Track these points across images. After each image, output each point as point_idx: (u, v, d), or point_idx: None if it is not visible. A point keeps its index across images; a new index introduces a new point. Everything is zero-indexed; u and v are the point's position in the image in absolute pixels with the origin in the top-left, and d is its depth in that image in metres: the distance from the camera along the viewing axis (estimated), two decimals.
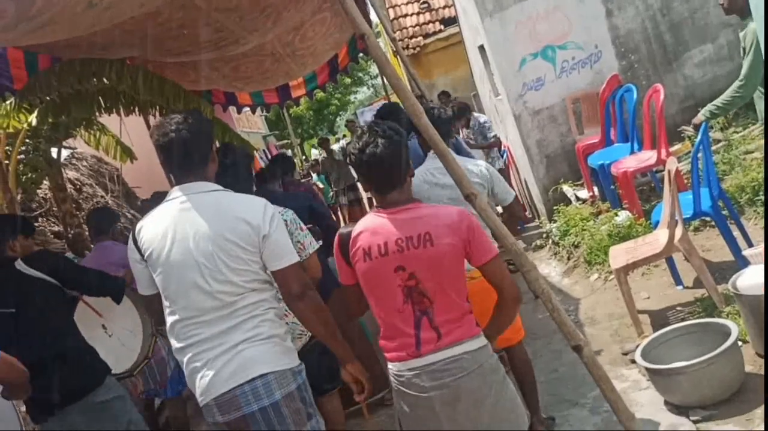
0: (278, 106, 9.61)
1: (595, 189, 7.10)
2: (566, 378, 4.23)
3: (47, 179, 7.62)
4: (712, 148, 5.58)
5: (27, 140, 6.90)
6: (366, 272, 2.48)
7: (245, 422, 2.53)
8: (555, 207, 7.29)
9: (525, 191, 8.95)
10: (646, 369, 3.63)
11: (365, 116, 21.37)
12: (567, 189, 7.56)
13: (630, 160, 6.19)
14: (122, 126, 7.16)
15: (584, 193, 7.32)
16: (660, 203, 5.01)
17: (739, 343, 3.47)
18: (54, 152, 7.40)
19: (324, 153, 13.14)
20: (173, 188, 2.66)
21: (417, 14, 14.66)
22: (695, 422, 3.32)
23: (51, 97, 5.41)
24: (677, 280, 4.89)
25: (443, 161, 2.99)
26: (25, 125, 6.01)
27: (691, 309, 4.40)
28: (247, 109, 9.37)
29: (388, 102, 7.23)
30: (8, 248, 3.44)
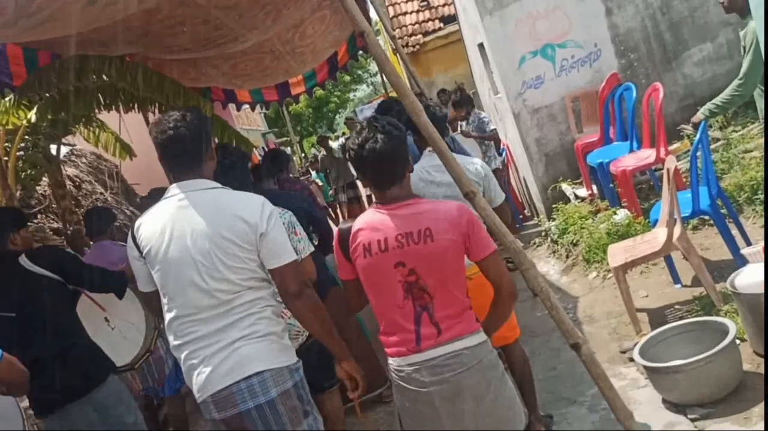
0: (278, 103, 9.59)
1: (594, 187, 7.10)
2: (564, 376, 4.23)
3: (46, 176, 7.61)
4: (711, 147, 5.58)
5: (26, 137, 6.90)
6: (366, 268, 2.49)
7: (241, 419, 2.54)
8: (554, 205, 7.29)
9: (524, 189, 8.96)
10: (644, 367, 3.63)
11: (364, 114, 21.33)
12: (566, 187, 7.56)
13: (629, 158, 6.19)
14: (121, 123, 7.16)
15: (583, 191, 7.32)
16: (659, 202, 5.02)
17: (737, 341, 3.48)
18: (53, 149, 7.39)
19: (323, 151, 13.14)
20: (171, 186, 2.66)
21: (416, 12, 14.66)
22: (693, 420, 3.33)
23: (50, 93, 5.40)
24: (676, 278, 4.90)
25: (442, 159, 2.98)
26: (25, 122, 6.01)
27: (690, 308, 4.40)
28: (247, 106, 9.35)
29: (388, 98, 7.22)
30: (10, 241, 3.43)
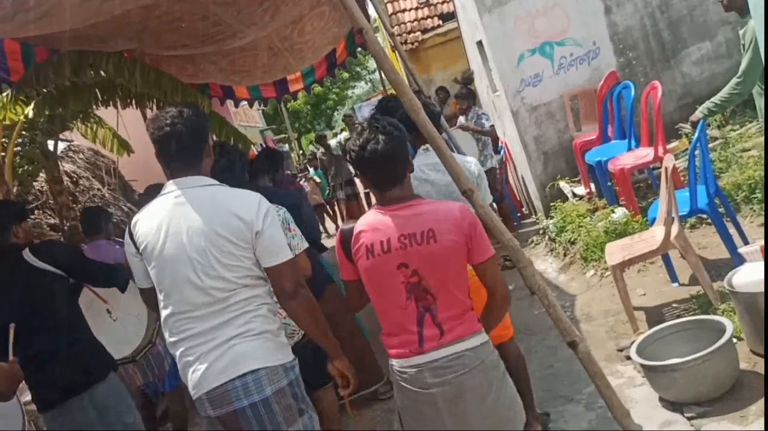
0: (276, 100, 9.58)
1: (592, 186, 7.11)
2: (561, 374, 4.24)
3: (44, 172, 7.58)
4: (709, 145, 5.58)
5: (23, 132, 6.87)
6: (368, 269, 2.47)
7: (236, 417, 2.54)
8: (552, 203, 7.30)
9: (522, 187, 8.96)
10: (642, 366, 3.64)
11: (363, 111, 21.32)
12: (564, 185, 7.56)
13: (627, 157, 6.19)
14: (119, 119, 7.14)
15: (581, 189, 7.32)
16: (657, 200, 5.02)
17: (734, 340, 3.49)
18: (50, 145, 7.36)
19: (321, 149, 13.15)
20: (168, 182, 2.65)
21: (415, 9, 14.63)
22: (690, 419, 3.33)
23: (48, 89, 5.39)
24: (673, 277, 4.90)
25: (441, 157, 2.97)
26: (22, 117, 5.99)
27: (687, 306, 4.41)
28: (245, 103, 9.33)
29: (387, 96, 7.21)
30: (12, 233, 3.42)
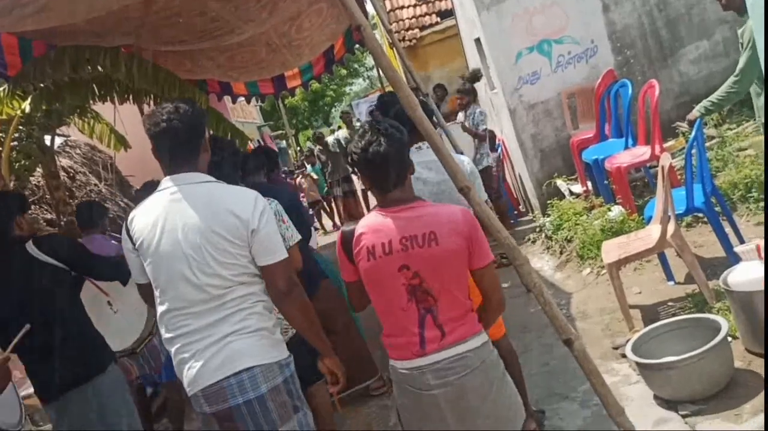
0: (273, 96, 9.59)
1: (589, 184, 7.11)
2: (557, 372, 4.24)
3: (40, 167, 7.56)
4: (706, 144, 5.60)
5: (20, 127, 6.85)
6: (369, 270, 2.47)
7: (231, 413, 2.54)
8: (549, 201, 7.31)
9: (519, 185, 8.96)
10: (637, 364, 3.65)
11: (360, 108, 21.33)
12: (561, 184, 7.57)
13: (624, 155, 6.20)
14: (116, 114, 7.13)
15: (578, 188, 7.33)
16: (653, 199, 5.03)
17: (729, 339, 3.50)
18: (47, 140, 7.35)
19: (319, 146, 13.16)
20: (164, 178, 2.64)
21: (413, 6, 14.60)
22: (684, 416, 3.35)
23: (45, 84, 5.39)
24: (669, 275, 4.91)
25: (437, 155, 2.97)
26: (19, 112, 5.99)
27: (682, 305, 4.42)
28: (242, 99, 9.35)
29: (385, 92, 7.20)
30: (16, 224, 3.41)
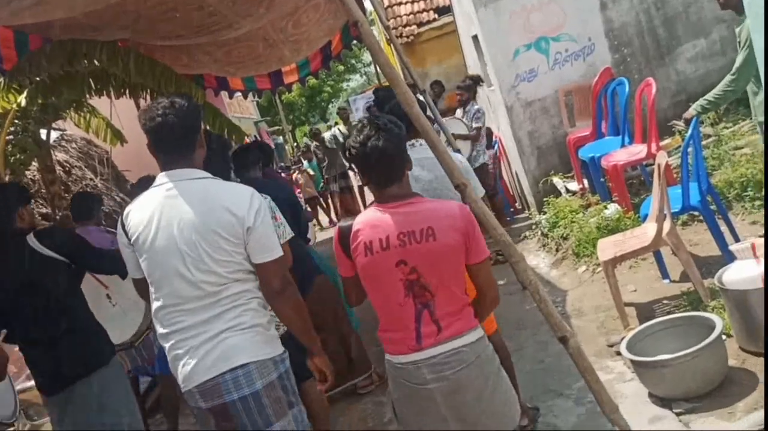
0: (270, 92, 9.58)
1: (585, 182, 7.12)
2: (552, 369, 4.25)
3: (36, 161, 7.56)
4: (702, 143, 5.60)
5: (16, 121, 6.84)
6: (367, 266, 2.47)
7: (226, 409, 2.55)
8: (545, 199, 7.31)
9: (515, 182, 8.97)
10: (631, 361, 3.66)
11: (357, 104, 21.27)
12: (557, 181, 7.57)
13: (620, 153, 6.21)
14: (113, 109, 7.12)
15: (574, 185, 7.34)
16: (649, 197, 5.04)
17: (723, 337, 3.52)
18: (43, 134, 7.33)
19: (316, 142, 13.14)
20: (160, 174, 2.64)
21: (411, 2, 14.59)
22: (678, 414, 3.36)
23: (41, 77, 5.37)
24: (664, 274, 4.92)
25: (434, 152, 2.97)
26: (15, 106, 5.97)
27: (677, 303, 4.43)
28: (239, 94, 9.33)
29: (382, 87, 7.17)
30: (18, 217, 3.40)
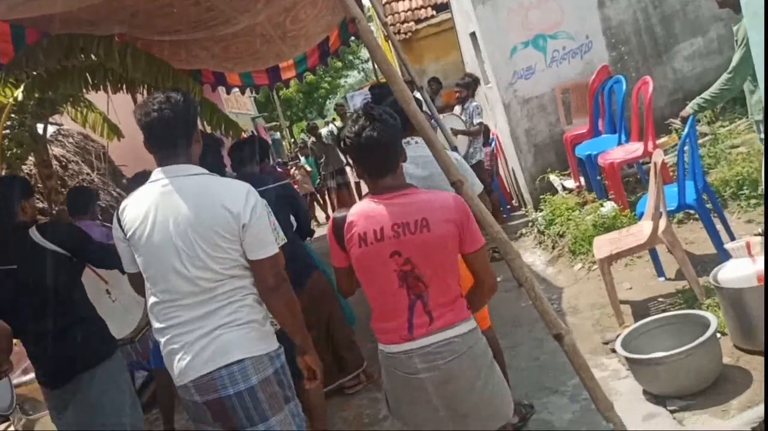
0: (268, 87, 9.56)
1: (582, 179, 7.13)
2: (547, 366, 4.26)
3: (32, 155, 7.55)
4: (699, 141, 5.61)
5: (13, 115, 6.83)
6: (361, 256, 2.47)
7: (222, 403, 2.56)
8: (541, 196, 7.32)
9: (512, 180, 8.98)
10: (626, 359, 3.67)
11: (355, 100, 21.26)
12: (554, 179, 7.59)
13: (617, 151, 6.22)
14: (110, 103, 7.11)
15: (571, 183, 7.35)
16: (645, 195, 5.04)
17: (718, 335, 3.52)
18: (40, 128, 7.32)
19: (313, 138, 13.13)
20: (156, 170, 2.63)
21: None
22: (672, 412, 3.37)
23: (38, 72, 5.35)
24: (660, 271, 4.94)
25: (430, 148, 2.97)
26: (11, 100, 5.96)
27: (673, 301, 4.44)
28: (237, 89, 9.31)
29: (379, 83, 7.17)
30: (21, 210, 3.38)
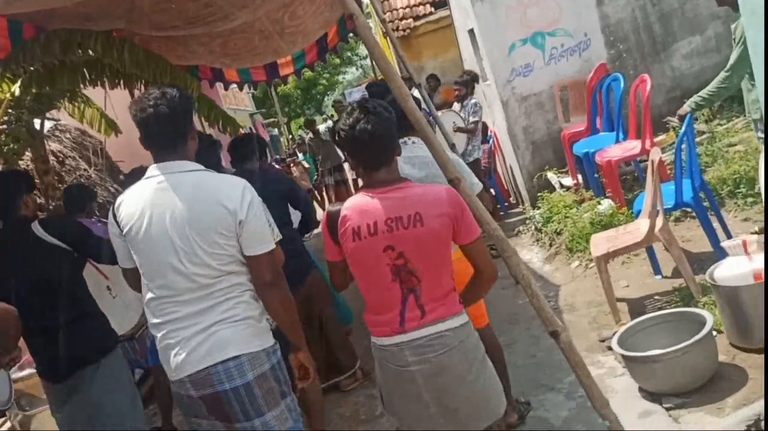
0: (266, 84, 9.52)
1: (579, 177, 7.13)
2: (543, 364, 4.27)
3: (29, 151, 7.51)
4: (696, 139, 5.62)
5: (10, 111, 6.80)
6: (354, 251, 2.48)
7: (218, 398, 2.56)
8: (539, 194, 7.33)
9: (510, 177, 8.98)
10: (622, 356, 3.68)
11: (353, 97, 21.25)
12: (551, 176, 7.59)
13: (615, 149, 6.23)
14: (107, 99, 7.09)
15: (568, 180, 7.36)
16: (642, 193, 5.05)
17: (714, 333, 3.54)
18: (37, 124, 7.30)
19: (310, 134, 13.11)
20: (152, 166, 2.63)
21: None
22: (668, 409, 3.38)
23: (35, 67, 5.33)
24: (656, 269, 4.94)
25: (428, 146, 2.98)
26: (8, 95, 5.93)
27: (669, 299, 4.45)
28: (234, 86, 9.27)
29: (377, 81, 7.16)
30: (23, 204, 3.38)
